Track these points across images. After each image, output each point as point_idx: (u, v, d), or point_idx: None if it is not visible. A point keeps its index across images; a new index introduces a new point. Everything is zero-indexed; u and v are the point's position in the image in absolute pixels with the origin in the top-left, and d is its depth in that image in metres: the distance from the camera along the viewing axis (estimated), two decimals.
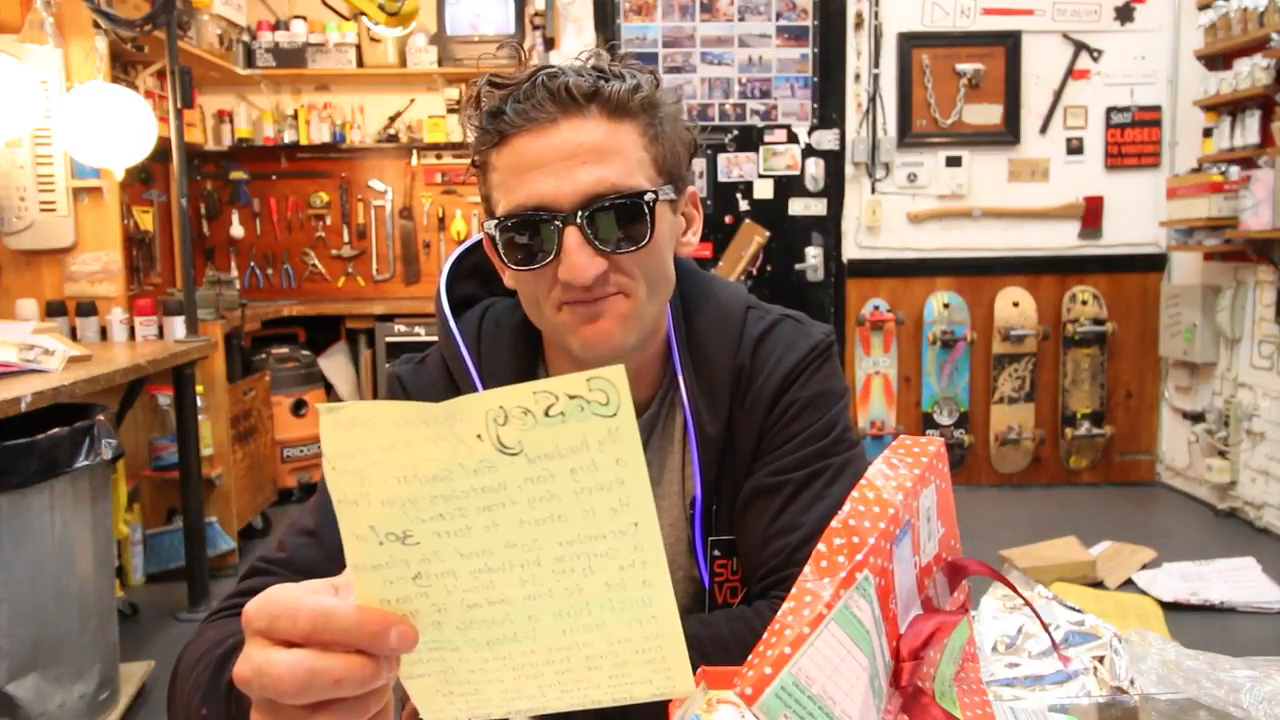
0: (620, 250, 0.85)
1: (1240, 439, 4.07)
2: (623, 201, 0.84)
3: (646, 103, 0.88)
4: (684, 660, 0.52)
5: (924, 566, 0.68)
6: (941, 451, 0.72)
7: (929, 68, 4.59)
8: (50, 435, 2.17)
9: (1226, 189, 3.88)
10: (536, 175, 0.84)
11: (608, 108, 0.85)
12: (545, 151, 0.84)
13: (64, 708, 2.24)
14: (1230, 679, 0.84)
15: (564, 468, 0.46)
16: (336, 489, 0.47)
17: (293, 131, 4.80)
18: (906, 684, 0.63)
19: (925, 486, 0.68)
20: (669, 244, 0.92)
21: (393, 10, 3.99)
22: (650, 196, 0.85)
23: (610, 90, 0.85)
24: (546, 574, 0.48)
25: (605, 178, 0.84)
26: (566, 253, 0.84)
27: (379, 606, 0.49)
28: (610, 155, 0.84)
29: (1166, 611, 3.08)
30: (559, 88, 0.84)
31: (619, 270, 0.87)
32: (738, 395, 0.97)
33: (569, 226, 0.84)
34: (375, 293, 4.98)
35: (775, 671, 0.55)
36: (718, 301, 1.01)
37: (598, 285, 0.86)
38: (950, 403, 4.70)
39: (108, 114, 3.07)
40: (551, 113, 0.84)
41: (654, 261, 0.88)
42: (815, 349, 0.99)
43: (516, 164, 0.85)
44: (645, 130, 0.88)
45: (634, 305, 0.88)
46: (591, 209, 0.84)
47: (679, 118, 0.92)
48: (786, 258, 4.73)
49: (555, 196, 0.84)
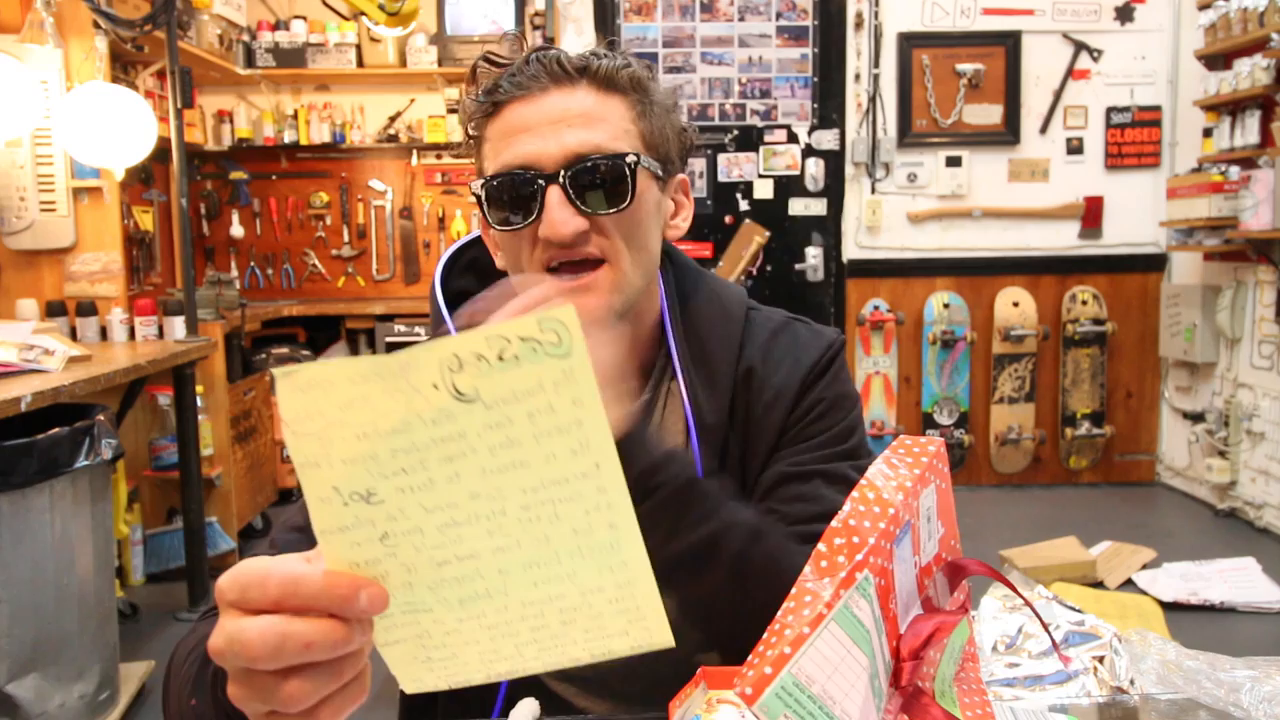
0: (601, 211, 0.87)
1: (1240, 439, 4.07)
2: (605, 162, 0.86)
3: (635, 82, 0.90)
4: (659, 609, 0.51)
5: (924, 566, 0.68)
6: (941, 451, 0.72)
7: (929, 68, 4.59)
8: (50, 435, 2.17)
9: (1226, 189, 3.88)
10: (524, 137, 0.87)
11: (597, 80, 0.89)
12: (534, 115, 0.87)
13: (64, 708, 2.24)
14: (1230, 679, 0.84)
15: (521, 412, 0.45)
16: (298, 453, 0.47)
17: (293, 131, 4.80)
18: (906, 684, 0.63)
19: (925, 486, 0.68)
20: (653, 217, 0.92)
21: (393, 10, 3.99)
22: (633, 159, 0.87)
23: (600, 65, 0.89)
24: (513, 524, 0.48)
25: (590, 139, 0.86)
26: (548, 209, 0.85)
27: (348, 570, 0.49)
28: (597, 121, 0.87)
29: (1166, 611, 3.08)
30: (551, 61, 0.88)
31: (600, 232, 0.88)
32: (748, 392, 0.97)
33: (551, 185, 0.86)
34: (375, 293, 4.98)
35: (775, 671, 0.55)
36: (715, 295, 1.02)
37: (578, 244, 0.87)
38: (950, 403, 4.70)
39: (108, 114, 3.07)
40: (543, 82, 0.87)
41: (635, 228, 0.89)
42: (832, 346, 1.00)
43: (506, 129, 0.88)
44: (633, 106, 0.90)
45: (616, 275, 0.89)
46: (574, 168, 0.86)
47: (671, 109, 0.95)
48: (786, 258, 4.72)
49: (540, 157, 0.86)
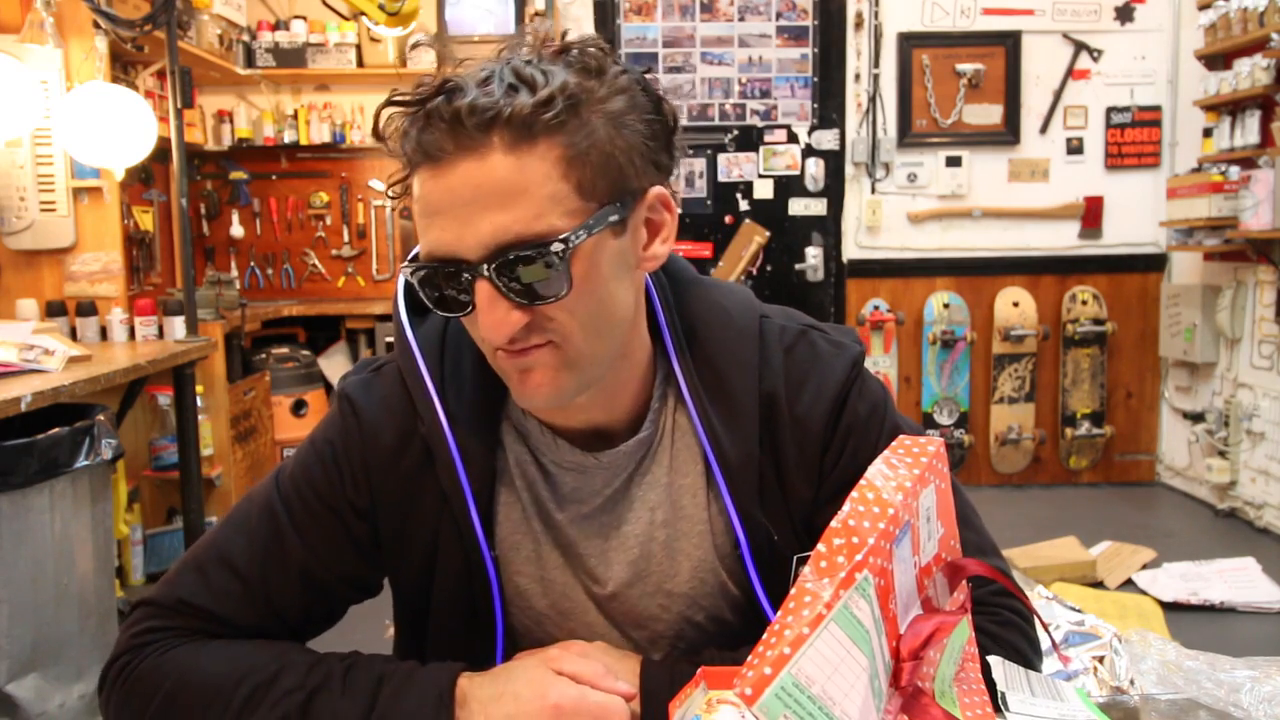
0: (539, 302, 0.75)
1: (1240, 439, 4.07)
2: (529, 252, 0.73)
3: (561, 117, 0.73)
4: None
5: (924, 566, 0.68)
6: (941, 451, 0.72)
7: (929, 68, 4.59)
8: (50, 435, 2.17)
9: (1226, 189, 3.88)
10: (440, 222, 0.74)
11: (509, 134, 0.72)
12: (445, 196, 0.74)
13: (64, 708, 2.24)
14: (1230, 679, 0.84)
15: None
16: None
17: (293, 131, 4.80)
18: (906, 684, 0.63)
19: (925, 486, 0.68)
20: (612, 278, 0.78)
21: (393, 10, 3.99)
22: (559, 246, 0.73)
23: (513, 110, 0.72)
24: None
25: (508, 226, 0.72)
26: (479, 310, 0.75)
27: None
28: (513, 197, 0.72)
29: (1166, 611, 3.08)
30: (454, 115, 0.72)
31: (545, 320, 0.76)
32: (773, 422, 0.88)
33: (478, 279, 0.74)
34: (375, 293, 4.98)
35: (775, 671, 0.55)
36: (721, 309, 0.91)
37: (520, 339, 0.76)
38: (950, 403, 4.70)
39: (108, 114, 3.06)
40: (449, 150, 0.73)
41: (586, 304, 0.77)
42: (856, 365, 0.90)
43: (423, 207, 0.76)
44: (563, 152, 0.73)
45: (567, 354, 0.78)
46: (497, 261, 0.73)
47: (626, 112, 0.77)
48: (786, 258, 4.72)
49: (459, 246, 0.74)
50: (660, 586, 0.90)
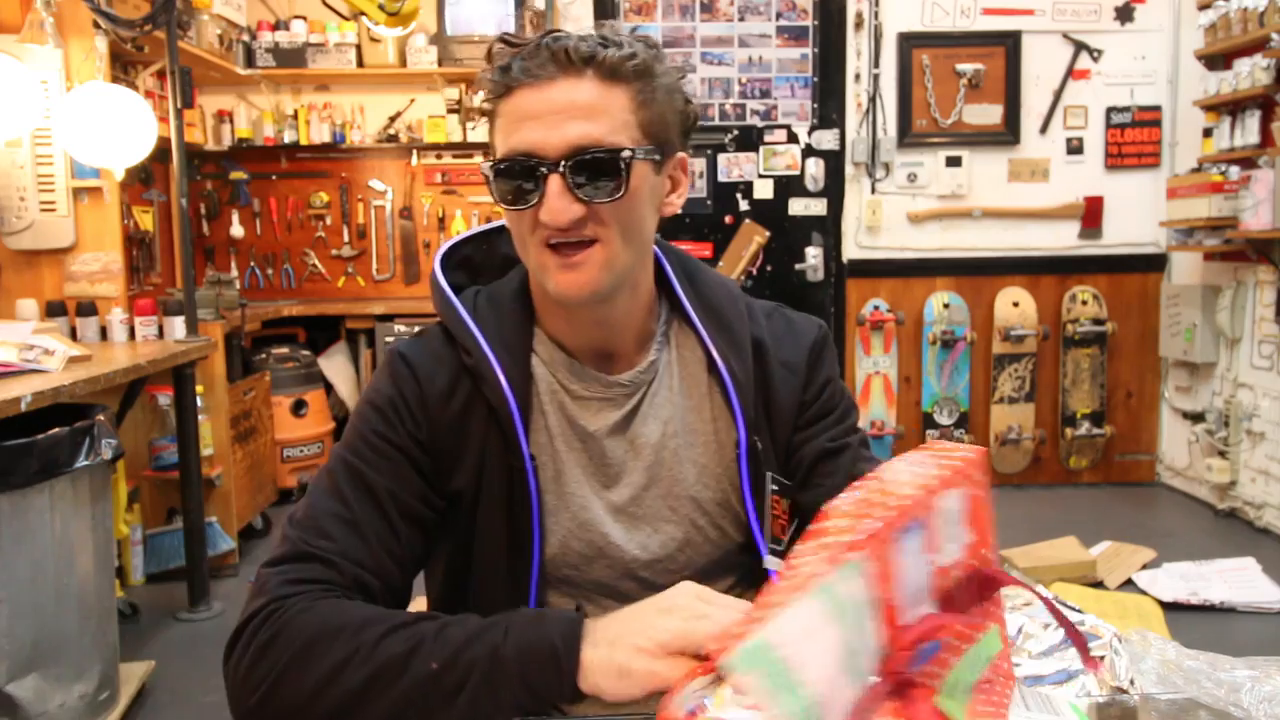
0: (597, 200, 0.92)
1: (1240, 439, 4.07)
2: (602, 155, 0.91)
3: (639, 71, 0.94)
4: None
5: (941, 568, 0.68)
6: (979, 460, 0.71)
7: (929, 68, 4.59)
8: (50, 435, 2.17)
9: (1226, 189, 3.88)
10: (530, 125, 0.92)
11: (602, 71, 0.92)
12: (541, 105, 0.91)
13: (64, 708, 2.24)
14: (1230, 679, 0.84)
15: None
16: None
17: (293, 131, 4.80)
18: (892, 670, 0.64)
19: (951, 489, 0.68)
20: (648, 201, 0.98)
21: (393, 10, 3.99)
22: (628, 154, 0.92)
23: (606, 56, 0.92)
24: None
25: (590, 133, 0.91)
26: (548, 197, 0.91)
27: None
28: (598, 114, 0.92)
29: (1166, 611, 3.08)
30: (560, 50, 0.92)
31: (595, 218, 0.93)
32: (761, 362, 1.06)
33: (552, 174, 0.91)
34: (375, 293, 4.98)
35: (748, 632, 0.60)
36: (717, 276, 1.12)
37: (574, 229, 0.93)
38: (950, 403, 4.70)
39: (108, 114, 3.06)
40: (551, 71, 0.91)
41: (629, 214, 0.95)
42: (823, 329, 1.12)
43: (516, 113, 0.93)
44: (635, 95, 0.94)
45: (608, 253, 0.94)
46: (574, 159, 0.91)
47: (675, 90, 0.99)
48: (786, 258, 4.72)
49: (544, 145, 0.91)
50: (670, 490, 1.05)
